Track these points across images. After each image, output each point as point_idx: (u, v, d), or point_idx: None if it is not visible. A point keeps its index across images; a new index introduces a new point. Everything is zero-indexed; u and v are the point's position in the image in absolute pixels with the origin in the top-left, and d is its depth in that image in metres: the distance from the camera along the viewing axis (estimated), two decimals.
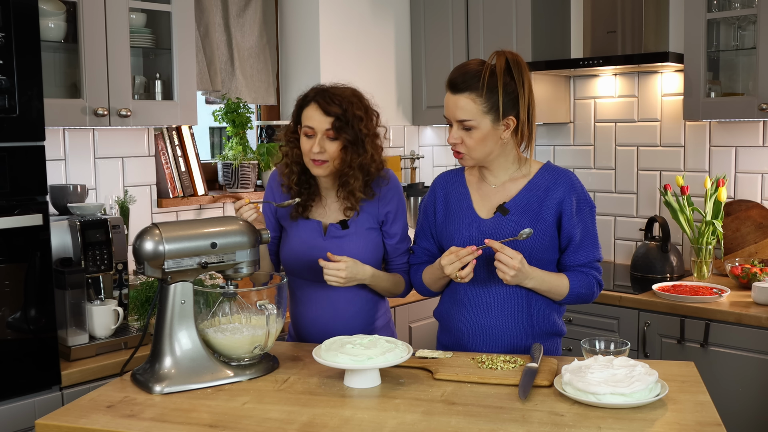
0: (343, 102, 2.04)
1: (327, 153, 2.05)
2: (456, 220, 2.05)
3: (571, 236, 1.99)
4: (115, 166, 2.83)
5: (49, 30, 2.46)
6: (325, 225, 2.16)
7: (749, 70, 3.12)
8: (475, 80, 1.90)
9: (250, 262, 1.93)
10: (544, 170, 2.03)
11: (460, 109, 1.92)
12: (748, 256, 3.18)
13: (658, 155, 3.51)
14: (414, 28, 3.94)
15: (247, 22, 3.44)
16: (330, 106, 2.03)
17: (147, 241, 1.80)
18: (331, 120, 2.03)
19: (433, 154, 4.13)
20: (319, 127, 2.04)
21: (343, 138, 2.04)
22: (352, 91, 2.10)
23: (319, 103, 2.04)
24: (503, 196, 2.02)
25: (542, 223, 1.97)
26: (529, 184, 2.01)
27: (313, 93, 2.08)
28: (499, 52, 1.94)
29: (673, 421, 1.55)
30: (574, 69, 3.38)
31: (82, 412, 1.66)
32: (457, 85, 1.92)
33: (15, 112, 1.99)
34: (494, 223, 2.00)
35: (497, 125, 1.93)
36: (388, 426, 1.55)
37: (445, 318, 2.11)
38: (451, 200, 2.09)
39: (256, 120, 3.64)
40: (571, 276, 1.99)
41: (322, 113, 2.04)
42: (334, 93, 2.06)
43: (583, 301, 2.04)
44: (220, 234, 1.88)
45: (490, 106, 1.91)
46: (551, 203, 1.98)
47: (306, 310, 2.21)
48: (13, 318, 2.02)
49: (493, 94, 1.90)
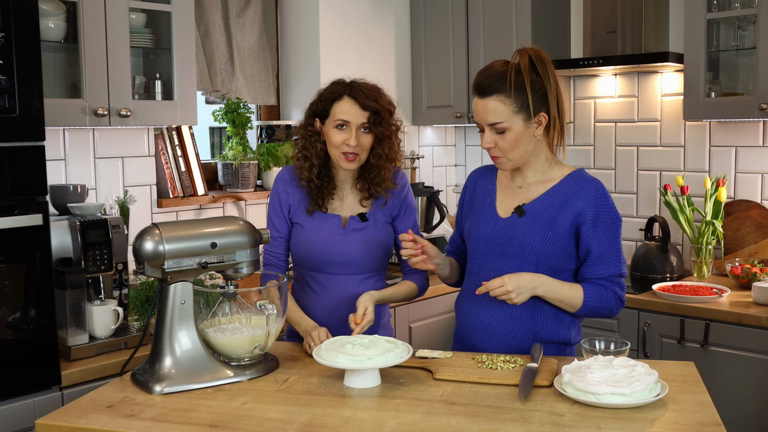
0: (378, 96, 2.10)
1: (361, 146, 2.09)
2: (476, 215, 2.06)
3: (589, 248, 1.94)
4: (115, 166, 2.83)
5: (49, 30, 2.46)
6: (344, 218, 2.19)
7: (749, 70, 3.12)
8: (501, 81, 1.88)
9: (250, 262, 1.92)
10: (571, 177, 1.99)
11: (490, 113, 1.89)
12: (748, 256, 3.18)
13: (658, 155, 3.51)
14: (414, 28, 3.94)
15: (247, 22, 3.44)
16: (367, 100, 2.08)
17: (147, 241, 1.80)
18: (367, 114, 2.08)
19: (433, 154, 4.13)
20: (355, 121, 2.08)
21: (378, 131, 2.10)
22: (374, 85, 2.15)
23: (355, 97, 2.08)
24: (525, 198, 2.00)
25: (556, 230, 1.94)
26: (552, 190, 1.98)
27: (344, 87, 2.12)
28: (522, 49, 1.92)
29: (673, 421, 1.55)
30: (574, 69, 3.38)
31: (82, 412, 1.66)
32: (484, 89, 1.90)
33: (15, 112, 1.99)
34: (509, 223, 1.98)
35: (529, 124, 1.91)
36: (388, 426, 1.55)
37: (457, 309, 2.13)
38: (477, 195, 2.10)
39: (256, 120, 3.64)
40: (587, 288, 1.95)
41: (360, 107, 2.08)
42: (366, 87, 2.11)
43: (601, 316, 1.98)
44: (220, 234, 1.88)
45: (519, 105, 1.89)
46: (570, 212, 1.94)
47: (322, 300, 2.21)
48: (13, 318, 2.02)
49: (522, 93, 1.88)
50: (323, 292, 2.21)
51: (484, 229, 2.02)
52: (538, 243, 1.93)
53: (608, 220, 1.94)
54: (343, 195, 2.21)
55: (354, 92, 2.09)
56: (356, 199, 2.20)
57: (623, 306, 2.00)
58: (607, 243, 1.94)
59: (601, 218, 1.93)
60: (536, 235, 1.94)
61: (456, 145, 4.27)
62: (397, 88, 3.91)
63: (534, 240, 1.94)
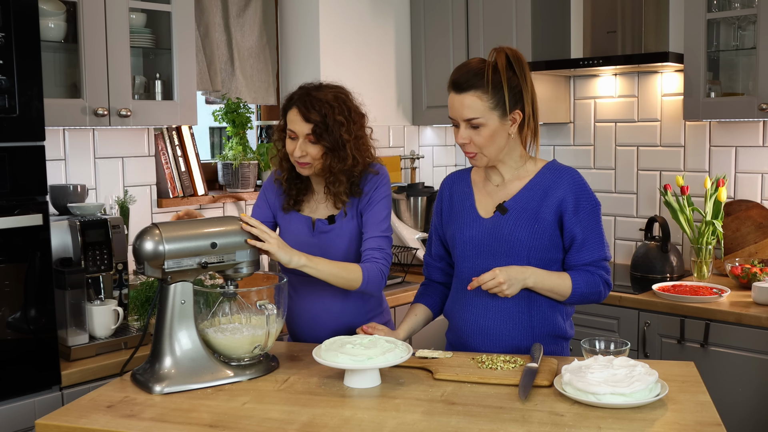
0: (324, 107, 2.05)
1: (309, 156, 2.08)
2: (458, 219, 2.06)
3: (573, 235, 1.98)
4: (115, 166, 2.83)
5: (49, 30, 2.46)
6: (313, 220, 2.18)
7: (749, 70, 3.12)
8: (478, 78, 1.91)
9: (250, 262, 1.92)
10: (546, 169, 2.03)
11: (467, 108, 1.92)
12: (748, 256, 3.18)
13: (658, 155, 3.51)
14: (414, 28, 3.94)
15: (247, 22, 3.44)
16: (310, 112, 2.05)
17: (147, 241, 1.80)
18: (310, 126, 2.05)
19: (433, 154, 4.13)
20: (300, 132, 2.07)
21: (323, 144, 2.06)
22: (335, 93, 2.09)
23: (299, 108, 2.06)
24: (504, 195, 2.02)
25: (541, 222, 1.97)
26: (530, 183, 2.01)
27: (296, 96, 2.09)
28: (498, 48, 1.95)
29: (673, 421, 1.55)
30: (574, 69, 3.38)
31: (82, 412, 1.66)
32: (461, 85, 1.92)
33: (15, 112, 1.99)
34: (493, 222, 2.00)
35: (504, 120, 1.94)
36: (388, 426, 1.55)
37: (449, 317, 2.12)
38: (455, 200, 2.10)
39: (256, 120, 3.65)
40: (574, 275, 1.98)
41: (302, 119, 2.05)
42: (316, 98, 2.06)
43: (590, 301, 2.02)
44: (220, 234, 1.88)
45: (496, 101, 1.91)
46: (551, 202, 1.97)
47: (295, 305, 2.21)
48: (13, 318, 2.02)
49: (498, 90, 1.91)
50: (297, 297, 2.21)
51: (468, 232, 2.02)
52: (526, 237, 1.95)
53: (588, 206, 1.98)
54: (318, 197, 2.21)
55: (300, 103, 2.06)
56: (330, 202, 2.17)
57: (610, 290, 2.05)
58: (589, 228, 1.98)
59: (581, 204, 1.98)
60: (523, 229, 1.96)
61: (456, 145, 4.26)
62: (397, 88, 3.91)
63: (522, 235, 1.96)
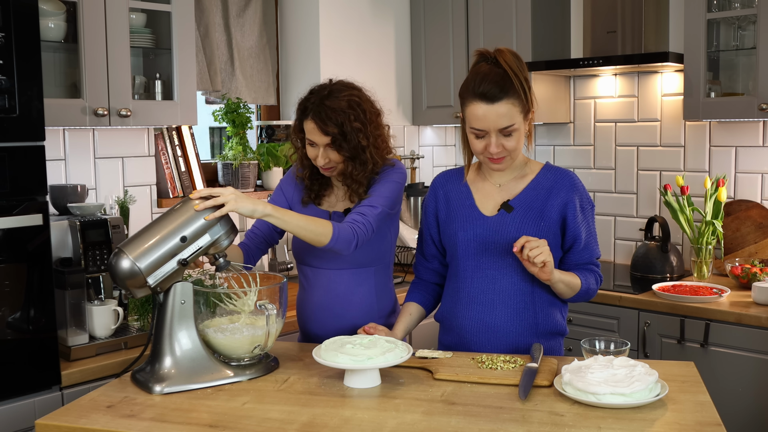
0: (339, 117, 2.05)
1: (332, 161, 2.10)
2: (459, 218, 2.05)
3: (577, 236, 2.00)
4: (115, 166, 2.83)
5: (49, 30, 2.46)
6: (330, 213, 2.20)
7: (749, 70, 3.12)
8: (509, 84, 1.88)
9: (226, 233, 1.86)
10: (545, 170, 2.04)
11: (503, 117, 1.88)
12: (748, 256, 3.18)
13: (658, 155, 3.51)
14: (414, 28, 3.94)
15: (247, 22, 3.44)
16: (327, 125, 2.04)
17: (120, 268, 1.76)
18: (329, 138, 2.06)
19: (433, 154, 4.13)
20: (320, 142, 2.08)
21: (343, 153, 2.08)
22: (348, 99, 2.08)
23: (316, 122, 2.06)
24: (507, 194, 2.02)
25: (546, 221, 1.98)
26: (533, 183, 2.01)
27: (311, 106, 2.07)
28: (498, 50, 1.93)
29: (673, 421, 1.55)
30: (574, 69, 3.38)
31: (82, 412, 1.66)
32: (494, 95, 1.87)
33: (15, 112, 1.99)
34: (498, 220, 2.00)
35: (526, 119, 1.94)
36: (388, 426, 1.55)
37: (448, 318, 2.09)
38: (452, 199, 2.09)
39: (256, 120, 3.64)
40: (579, 273, 2.01)
41: (320, 132, 2.06)
42: (330, 107, 2.04)
43: (588, 298, 2.05)
44: (183, 224, 1.82)
45: (523, 104, 1.91)
46: (555, 203, 1.98)
47: (311, 296, 2.23)
48: (13, 318, 2.02)
49: (523, 91, 1.90)
50: (309, 287, 2.24)
51: (473, 230, 2.02)
52: (532, 234, 1.95)
53: (589, 207, 2.03)
54: (338, 193, 2.23)
55: (316, 116, 2.05)
56: (348, 198, 2.19)
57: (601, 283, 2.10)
58: (589, 229, 2.03)
59: (583, 206, 2.01)
60: (530, 226, 1.97)
61: (456, 145, 4.26)
62: (397, 88, 3.91)
63: (528, 232, 1.96)
